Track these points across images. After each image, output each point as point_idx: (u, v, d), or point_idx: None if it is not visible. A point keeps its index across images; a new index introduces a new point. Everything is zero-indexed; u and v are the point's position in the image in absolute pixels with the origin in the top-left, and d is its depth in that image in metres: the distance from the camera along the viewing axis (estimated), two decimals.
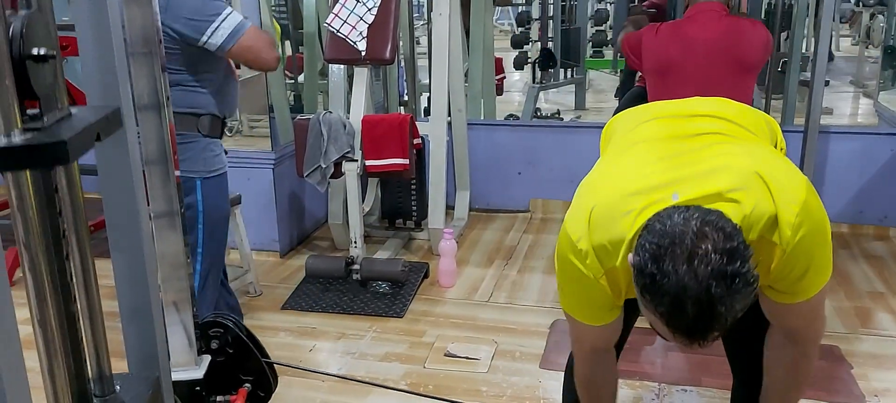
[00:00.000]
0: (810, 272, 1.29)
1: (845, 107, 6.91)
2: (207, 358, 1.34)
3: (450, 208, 4.22)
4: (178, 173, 1.28)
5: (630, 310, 1.76)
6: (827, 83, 4.81)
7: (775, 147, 1.57)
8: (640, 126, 1.55)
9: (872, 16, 7.17)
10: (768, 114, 1.75)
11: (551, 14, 6.57)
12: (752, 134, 1.48)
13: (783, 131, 1.72)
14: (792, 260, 1.26)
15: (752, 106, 2.01)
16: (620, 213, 1.27)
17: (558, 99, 7.22)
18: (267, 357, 1.41)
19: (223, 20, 2.09)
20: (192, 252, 2.26)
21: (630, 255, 1.18)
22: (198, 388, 1.29)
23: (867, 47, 7.68)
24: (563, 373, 1.92)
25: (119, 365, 0.97)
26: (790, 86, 4.56)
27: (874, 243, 3.90)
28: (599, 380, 1.64)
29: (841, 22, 8.00)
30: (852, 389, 2.53)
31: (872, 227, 4.04)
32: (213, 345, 1.38)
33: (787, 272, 1.28)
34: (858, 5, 7.34)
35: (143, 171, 1.15)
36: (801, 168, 3.71)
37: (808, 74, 3.77)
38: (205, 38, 2.10)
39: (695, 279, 1.06)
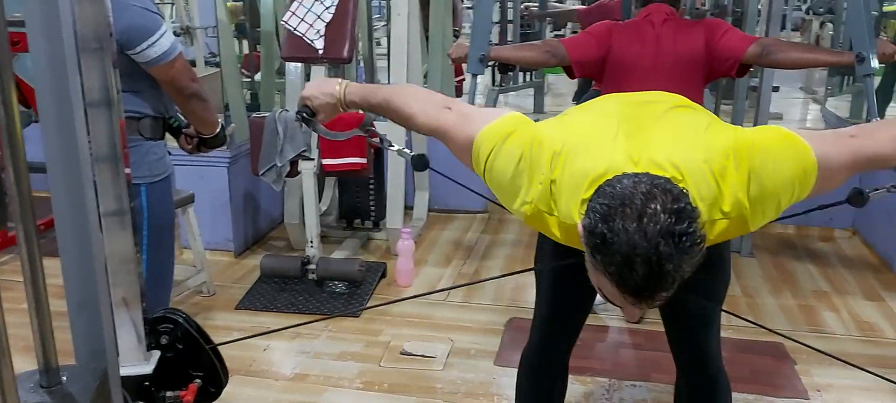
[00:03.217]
0: (785, 194, 1.29)
1: (795, 112, 7.10)
2: (157, 354, 1.34)
3: (408, 208, 4.24)
4: (128, 171, 1.27)
5: (582, 307, 1.80)
6: (777, 89, 4.96)
7: None
8: (598, 104, 1.55)
9: (822, 24, 7.39)
10: (718, 117, 1.78)
11: (510, 18, 6.63)
12: (704, 113, 1.49)
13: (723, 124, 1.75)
14: (762, 205, 1.27)
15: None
16: (584, 177, 1.26)
17: (517, 102, 7.28)
18: (218, 355, 1.41)
19: (159, 38, 2.07)
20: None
21: (580, 223, 1.19)
22: (147, 383, 1.28)
23: None
24: (516, 370, 1.95)
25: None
26: (739, 92, 4.67)
27: (819, 244, 4.03)
28: (404, 120, 1.62)
29: (791, 30, 8.21)
30: (796, 385, 2.62)
31: (818, 228, 4.17)
32: (163, 341, 1.37)
33: (767, 211, 1.29)
34: (808, 14, 7.54)
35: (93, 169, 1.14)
36: None
37: (758, 80, 3.88)
38: (137, 50, 2.07)
39: (644, 237, 1.07)
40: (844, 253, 3.88)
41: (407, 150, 1.83)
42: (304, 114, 1.70)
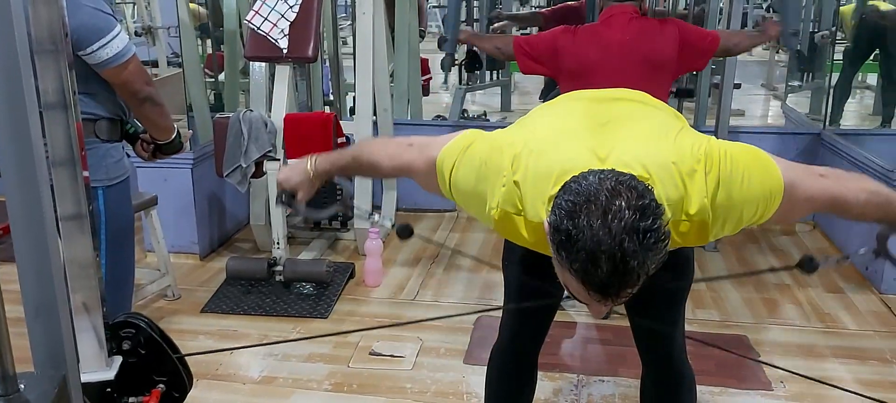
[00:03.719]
0: (748, 210, 1.30)
1: (757, 108, 7.23)
2: (119, 359, 1.31)
3: (376, 208, 4.22)
4: (86, 174, 1.25)
5: (548, 309, 1.81)
6: (738, 86, 5.03)
7: None
8: (563, 104, 1.57)
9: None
10: (681, 114, 1.81)
11: (476, 17, 6.65)
12: (666, 112, 1.51)
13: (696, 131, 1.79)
14: (723, 216, 1.29)
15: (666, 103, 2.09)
16: (548, 175, 1.27)
17: (485, 101, 7.31)
18: (181, 359, 1.39)
19: (112, 39, 2.03)
20: None
21: (545, 220, 1.19)
22: (108, 390, 1.26)
23: (777, 52, 8.06)
24: (486, 368, 1.96)
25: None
26: (702, 89, 4.74)
27: (781, 238, 4.10)
28: (377, 170, 1.68)
29: (752, 27, 8.35)
30: (760, 376, 2.66)
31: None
32: (125, 346, 1.35)
33: (727, 223, 1.31)
34: (768, 11, 7.68)
35: (50, 172, 1.12)
36: None
37: (720, 77, 3.94)
38: (89, 51, 2.03)
39: (609, 234, 1.07)
40: (805, 247, 3.96)
41: (388, 221, 1.87)
42: (284, 199, 1.75)
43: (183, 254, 3.71)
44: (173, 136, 2.30)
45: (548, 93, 5.14)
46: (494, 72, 6.91)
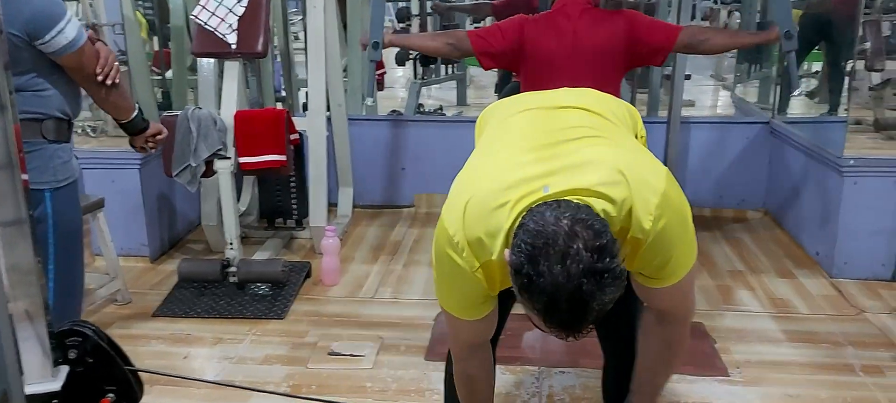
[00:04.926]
0: (673, 259, 1.37)
1: (706, 99, 7.36)
2: (65, 369, 1.26)
3: (332, 205, 4.17)
4: (25, 177, 1.19)
5: (505, 300, 1.80)
6: (689, 77, 5.11)
7: (636, 136, 1.65)
8: (511, 118, 1.59)
9: (730, 13, 7.66)
10: (634, 106, 1.83)
11: (430, 9, 6.62)
12: (615, 124, 1.55)
13: (649, 122, 1.81)
14: (654, 249, 1.33)
15: (618, 96, 2.10)
16: (495, 207, 1.31)
17: (440, 95, 7.30)
18: (130, 365, 1.34)
19: (66, 25, 1.99)
20: (44, 269, 2.11)
21: (507, 252, 1.22)
22: (55, 401, 1.20)
23: None
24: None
25: None
26: (654, 80, 4.80)
27: (733, 225, 4.18)
28: (476, 375, 1.67)
29: (701, 19, 8.49)
30: (716, 363, 2.70)
31: (732, 210, 4.33)
32: (71, 355, 1.29)
33: (651, 260, 1.36)
34: (716, 3, 7.81)
35: None
36: (665, 156, 3.93)
37: (670, 68, 3.99)
38: (46, 39, 1.98)
39: (568, 277, 1.12)
40: (757, 234, 4.04)
41: None
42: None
43: (132, 257, 3.60)
44: (135, 115, 2.30)
45: (503, 87, 5.14)
46: (450, 66, 6.89)
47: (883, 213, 3.31)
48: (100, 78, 2.11)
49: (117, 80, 2.17)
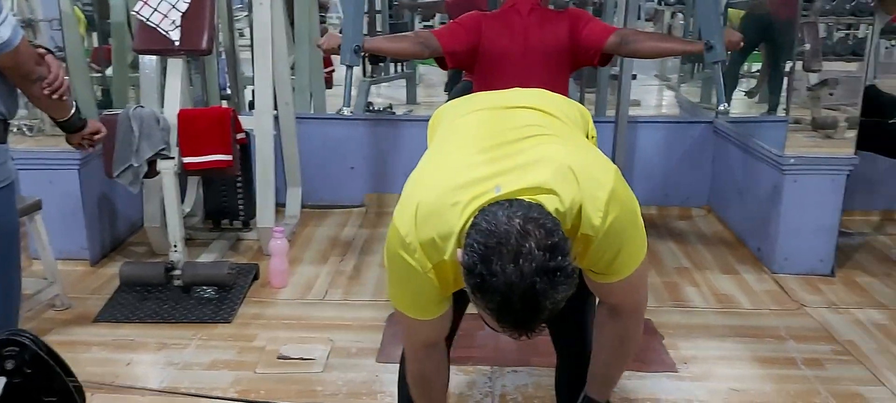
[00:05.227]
0: (622, 254, 1.38)
1: (651, 98, 7.49)
2: (2, 381, 1.20)
3: (280, 206, 4.10)
4: None
5: (459, 301, 1.79)
6: (634, 77, 5.19)
7: (587, 136, 1.66)
8: (463, 118, 1.59)
9: (673, 14, 7.83)
10: (583, 105, 1.85)
11: (379, 8, 6.58)
12: (566, 124, 1.56)
13: (597, 122, 1.83)
14: (604, 246, 1.34)
15: (567, 95, 2.11)
16: (447, 206, 1.30)
17: (390, 93, 7.26)
18: (71, 375, 1.29)
19: (4, 20, 1.91)
20: None
21: (459, 252, 1.22)
22: None
23: None
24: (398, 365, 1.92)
25: None
26: (602, 81, 4.86)
27: (679, 223, 4.26)
28: (431, 375, 1.66)
29: (645, 20, 8.65)
30: (664, 358, 2.74)
31: (677, 208, 4.41)
32: (9, 366, 1.23)
33: (602, 256, 1.37)
34: (660, 4, 7.96)
35: None
36: (614, 155, 3.98)
37: (618, 69, 4.04)
38: None
39: (521, 276, 1.12)
40: (701, 231, 4.12)
41: None
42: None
43: (72, 261, 3.48)
44: (72, 113, 2.22)
45: (452, 86, 5.13)
46: (399, 64, 6.86)
47: (821, 210, 3.41)
48: (46, 92, 2.04)
49: (65, 97, 2.11)
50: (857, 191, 3.74)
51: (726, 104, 3.29)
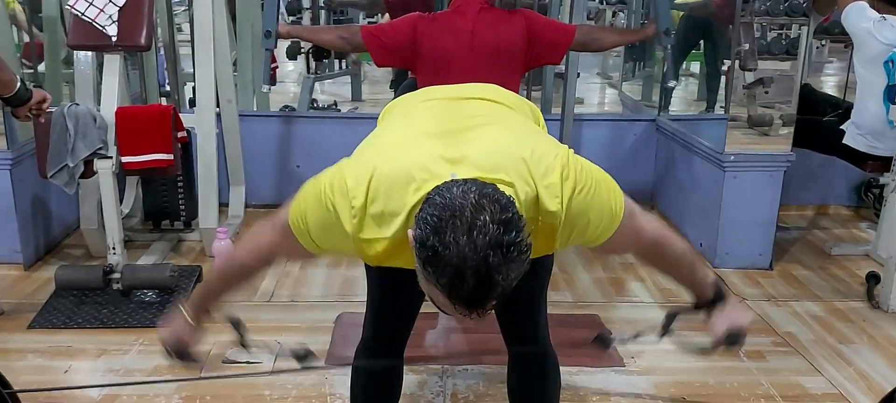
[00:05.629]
0: (594, 218, 1.36)
1: (594, 96, 7.60)
2: None
3: (223, 205, 4.00)
4: None
5: (415, 301, 1.77)
6: (578, 75, 5.25)
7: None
8: (415, 107, 1.59)
9: (614, 13, 7.94)
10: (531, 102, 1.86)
11: (322, 3, 6.49)
12: (516, 113, 1.57)
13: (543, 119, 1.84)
14: (572, 221, 1.33)
15: (518, 93, 2.12)
16: (402, 184, 1.27)
17: (334, 90, 7.18)
18: (6, 384, 1.22)
19: None
20: None
21: (410, 231, 1.19)
22: None
23: None
24: (350, 367, 1.89)
25: None
26: (547, 79, 4.90)
27: None
28: (234, 277, 1.62)
29: (588, 18, 8.76)
30: (612, 353, 2.77)
31: None
32: None
33: (577, 231, 1.36)
34: (602, 3, 8.07)
35: None
36: None
37: (563, 67, 4.07)
38: None
39: (474, 249, 1.10)
40: None
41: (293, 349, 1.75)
42: (178, 357, 1.63)
43: (4, 265, 3.34)
44: (18, 87, 2.21)
45: (399, 83, 5.10)
46: (343, 60, 6.79)
47: (760, 205, 3.51)
48: None
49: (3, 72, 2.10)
50: (792, 186, 3.86)
51: (674, 81, 3.78)
